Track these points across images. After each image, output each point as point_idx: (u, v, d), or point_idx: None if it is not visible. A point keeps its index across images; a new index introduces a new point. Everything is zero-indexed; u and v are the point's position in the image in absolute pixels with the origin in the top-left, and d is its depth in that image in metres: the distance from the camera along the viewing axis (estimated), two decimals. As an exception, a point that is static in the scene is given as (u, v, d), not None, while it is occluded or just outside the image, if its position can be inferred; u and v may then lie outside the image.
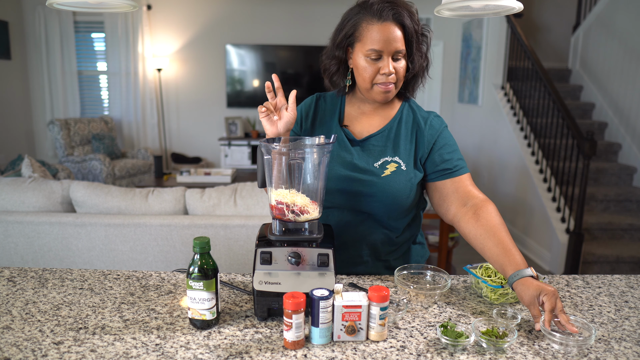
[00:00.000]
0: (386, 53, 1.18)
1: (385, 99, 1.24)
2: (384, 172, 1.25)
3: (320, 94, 1.37)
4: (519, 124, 4.79)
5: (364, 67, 1.21)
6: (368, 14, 1.19)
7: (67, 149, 5.50)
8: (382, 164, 1.25)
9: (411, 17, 1.19)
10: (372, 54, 1.18)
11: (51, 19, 6.07)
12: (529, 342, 0.97)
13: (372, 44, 1.18)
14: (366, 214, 1.28)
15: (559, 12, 6.14)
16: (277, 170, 1.05)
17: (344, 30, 1.23)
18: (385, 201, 1.24)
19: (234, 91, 6.56)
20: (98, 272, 1.31)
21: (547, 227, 4.03)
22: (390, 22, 1.17)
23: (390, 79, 1.20)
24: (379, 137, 1.28)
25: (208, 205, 2.40)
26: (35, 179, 2.52)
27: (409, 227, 1.34)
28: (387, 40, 1.17)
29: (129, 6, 1.08)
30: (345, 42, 1.24)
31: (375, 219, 1.29)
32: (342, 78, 1.31)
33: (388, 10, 1.17)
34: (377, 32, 1.17)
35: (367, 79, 1.22)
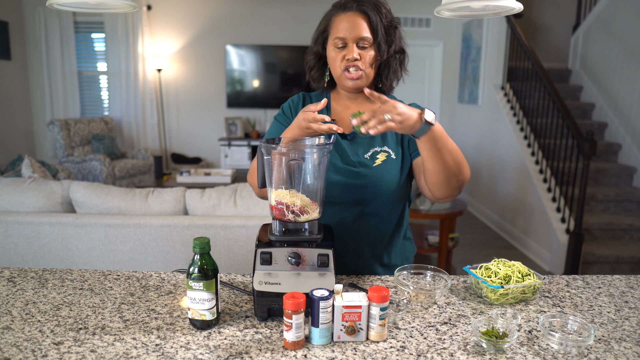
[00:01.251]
0: (350, 40, 1.24)
1: (355, 86, 1.28)
2: (374, 162, 1.28)
3: (305, 93, 1.43)
4: (519, 124, 4.79)
5: (332, 56, 1.27)
6: (337, 9, 1.28)
7: (67, 149, 5.50)
8: (372, 155, 1.29)
9: (377, 9, 1.25)
10: (338, 43, 1.25)
11: (51, 19, 6.08)
12: (529, 342, 0.97)
13: (337, 32, 1.25)
14: (360, 208, 1.30)
15: (559, 12, 6.14)
16: (277, 171, 1.05)
17: (320, 27, 1.32)
18: (378, 191, 1.27)
19: (234, 91, 6.56)
20: (98, 273, 1.31)
21: (547, 228, 4.03)
22: (353, 12, 1.25)
23: (357, 64, 1.25)
24: None
25: (208, 206, 2.40)
26: (35, 179, 2.52)
27: (399, 220, 1.37)
28: (349, 28, 1.24)
29: (129, 6, 1.08)
30: (321, 37, 1.32)
31: (369, 212, 1.30)
32: (319, 72, 1.37)
33: (352, 2, 1.26)
34: (341, 21, 1.25)
35: (336, 67, 1.27)
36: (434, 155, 1.13)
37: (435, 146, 1.11)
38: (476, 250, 4.45)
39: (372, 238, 1.33)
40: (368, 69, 1.26)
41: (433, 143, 1.11)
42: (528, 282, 1.16)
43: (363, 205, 1.29)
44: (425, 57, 6.63)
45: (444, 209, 3.62)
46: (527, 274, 1.19)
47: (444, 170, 1.15)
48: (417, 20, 6.42)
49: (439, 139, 1.11)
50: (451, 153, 1.14)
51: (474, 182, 5.86)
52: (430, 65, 6.67)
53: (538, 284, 1.16)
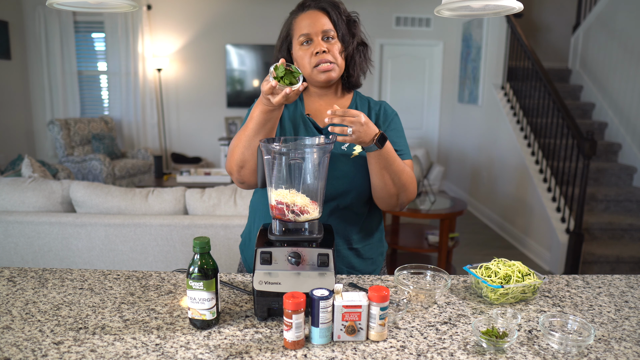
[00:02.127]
0: (314, 34, 1.27)
1: (328, 78, 1.29)
2: (352, 152, 1.30)
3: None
4: (519, 124, 4.79)
5: (300, 55, 1.29)
6: (295, 11, 1.32)
7: (67, 149, 5.50)
8: (349, 146, 1.31)
9: (334, 6, 1.29)
10: (303, 40, 1.28)
11: (51, 19, 6.07)
12: (529, 342, 0.97)
13: (301, 30, 1.28)
14: (336, 202, 1.30)
15: (559, 12, 6.14)
16: (277, 170, 1.05)
17: (282, 34, 1.35)
18: (355, 182, 1.29)
19: (234, 91, 6.56)
20: (98, 272, 1.31)
21: (547, 227, 4.03)
22: (312, 9, 1.29)
23: (327, 57, 1.26)
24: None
25: (208, 205, 2.40)
26: (35, 179, 2.52)
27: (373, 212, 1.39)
28: (312, 23, 1.27)
29: (129, 6, 1.08)
30: (285, 44, 1.34)
31: (345, 205, 1.31)
32: None
33: (310, 1, 1.30)
34: (302, 20, 1.28)
35: (306, 65, 1.28)
36: (377, 172, 1.21)
37: (379, 164, 1.19)
38: (476, 250, 4.45)
39: (348, 232, 1.34)
40: (338, 59, 1.29)
41: (377, 161, 1.19)
42: (528, 281, 1.16)
43: (339, 199, 1.30)
44: (425, 57, 6.63)
45: (444, 209, 3.62)
46: (527, 274, 1.19)
47: (384, 188, 1.23)
48: (417, 20, 6.42)
49: (384, 160, 1.18)
50: (394, 175, 1.22)
51: (474, 182, 5.86)
52: (430, 65, 6.67)
53: (538, 283, 1.16)
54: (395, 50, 6.54)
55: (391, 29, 6.45)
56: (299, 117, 1.35)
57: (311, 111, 1.37)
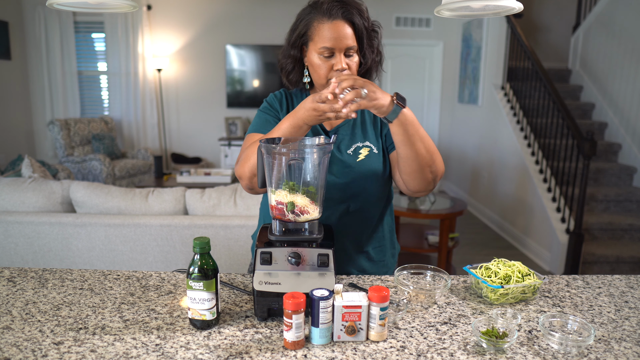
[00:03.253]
0: (338, 50, 1.22)
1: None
2: (358, 157, 1.29)
3: (283, 90, 1.41)
4: (519, 124, 4.79)
5: (318, 64, 1.25)
6: (319, 13, 1.23)
7: (67, 149, 5.50)
8: (355, 150, 1.30)
9: (360, 15, 1.24)
10: (324, 52, 1.23)
11: (51, 19, 6.08)
12: (529, 342, 0.97)
13: (324, 42, 1.22)
14: (345, 205, 1.30)
15: (559, 12, 6.14)
16: (277, 171, 1.05)
17: (298, 29, 1.27)
18: (363, 186, 1.28)
19: (234, 91, 6.56)
20: (98, 272, 1.31)
21: (547, 227, 4.03)
22: (339, 20, 1.22)
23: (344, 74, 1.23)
24: (346, 126, 1.34)
25: (208, 206, 2.40)
26: (35, 179, 2.52)
27: (384, 216, 1.38)
28: (338, 37, 1.21)
29: (129, 6, 1.08)
30: (299, 41, 1.28)
31: (354, 209, 1.31)
32: (297, 76, 1.35)
33: (337, 9, 1.21)
34: (327, 30, 1.21)
35: (322, 76, 1.26)
36: (406, 140, 1.14)
37: (407, 131, 1.13)
38: (476, 250, 4.45)
39: (357, 235, 1.34)
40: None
41: (405, 127, 1.12)
42: (528, 282, 1.16)
43: (349, 202, 1.30)
44: (425, 57, 6.63)
45: (444, 209, 3.62)
46: (527, 274, 1.19)
47: (416, 158, 1.17)
48: (417, 20, 6.42)
49: (410, 123, 1.13)
50: (423, 140, 1.16)
51: (474, 182, 5.86)
52: (430, 65, 6.67)
53: (538, 283, 1.16)
54: (395, 50, 6.54)
55: (391, 29, 6.45)
56: None
57: None
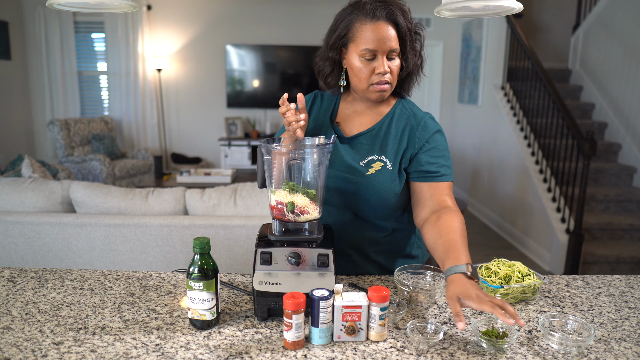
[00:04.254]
0: (380, 52, 1.18)
1: (380, 97, 1.24)
2: (368, 170, 1.24)
3: (318, 91, 1.38)
4: (519, 124, 4.79)
5: (359, 67, 1.20)
6: (361, 13, 1.18)
7: (67, 149, 5.50)
8: (367, 162, 1.25)
9: (404, 16, 1.20)
10: (366, 54, 1.18)
11: (51, 19, 6.08)
12: (529, 342, 0.97)
13: (367, 43, 1.17)
14: (352, 212, 1.29)
15: (559, 12, 6.14)
16: (277, 171, 1.05)
17: (337, 31, 1.22)
18: (369, 199, 1.24)
19: (234, 91, 6.56)
20: (98, 273, 1.31)
21: (547, 227, 4.03)
22: (383, 21, 1.17)
23: (386, 78, 1.20)
24: (367, 135, 1.28)
25: (208, 206, 2.40)
26: (35, 179, 2.52)
27: (401, 228, 1.34)
28: (381, 39, 1.16)
29: (129, 6, 1.08)
30: (339, 43, 1.23)
31: (362, 217, 1.29)
32: (336, 79, 1.30)
33: (381, 10, 1.16)
34: (370, 31, 1.16)
35: (362, 80, 1.21)
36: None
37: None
38: (476, 250, 4.45)
39: (366, 242, 1.32)
40: (394, 81, 1.23)
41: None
42: (528, 282, 1.16)
43: (355, 210, 1.28)
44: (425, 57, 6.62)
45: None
46: (527, 274, 1.19)
47: None
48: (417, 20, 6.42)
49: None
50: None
51: (474, 182, 5.86)
52: (430, 65, 6.66)
53: (538, 284, 1.16)
54: (395, 50, 6.54)
55: (391, 29, 6.44)
56: (326, 123, 1.31)
57: (341, 117, 1.32)
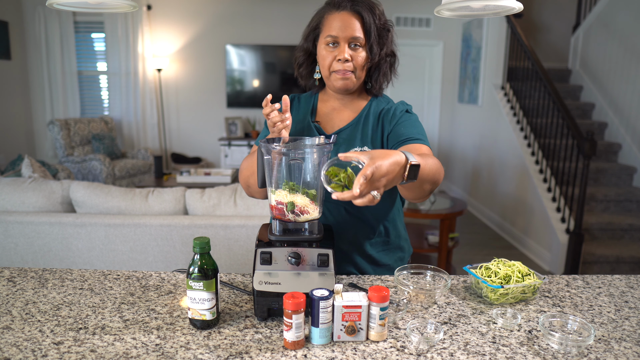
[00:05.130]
0: (342, 39, 1.23)
1: (344, 86, 1.27)
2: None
3: (295, 95, 1.42)
4: (519, 124, 4.79)
5: (323, 55, 1.26)
6: (330, 7, 1.27)
7: (67, 149, 5.50)
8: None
9: (371, 10, 1.24)
10: (329, 40, 1.24)
11: (51, 19, 6.08)
12: (529, 342, 0.97)
13: (330, 30, 1.24)
14: (342, 207, 1.30)
15: (559, 12, 6.14)
16: (277, 171, 1.05)
17: (311, 24, 1.31)
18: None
19: (234, 91, 6.56)
20: (98, 272, 1.31)
21: (547, 227, 4.03)
22: (347, 11, 1.23)
23: (347, 66, 1.24)
24: (348, 130, 1.32)
25: (208, 206, 2.40)
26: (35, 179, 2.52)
27: (387, 219, 1.36)
28: (343, 26, 1.22)
29: (129, 6, 1.08)
30: (312, 34, 1.30)
31: (352, 212, 1.30)
32: (308, 69, 1.36)
33: (346, 2, 1.24)
34: (334, 20, 1.24)
35: (325, 66, 1.27)
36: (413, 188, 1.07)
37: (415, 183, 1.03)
38: (476, 250, 4.45)
39: (357, 237, 1.33)
40: (358, 71, 1.26)
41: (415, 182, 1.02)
42: (528, 282, 1.16)
43: (345, 205, 1.29)
44: (425, 57, 6.63)
45: (444, 209, 3.62)
46: (527, 274, 1.19)
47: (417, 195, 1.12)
48: (417, 20, 6.42)
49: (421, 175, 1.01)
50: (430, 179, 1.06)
51: (474, 182, 5.86)
52: (430, 65, 6.67)
53: (538, 283, 1.16)
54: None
55: (391, 29, 6.44)
56: (306, 121, 1.34)
57: (321, 116, 1.35)
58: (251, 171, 1.29)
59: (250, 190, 1.34)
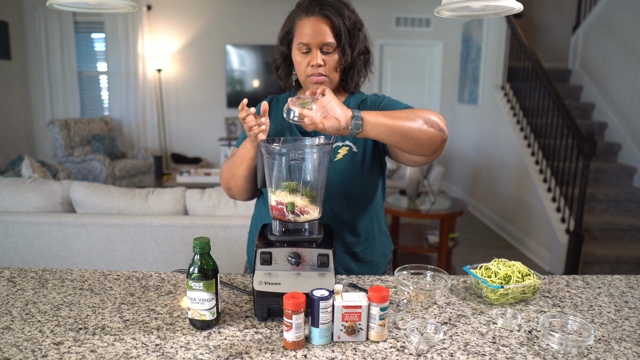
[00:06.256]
0: (314, 45, 1.24)
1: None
2: (336, 156, 1.29)
3: (273, 96, 1.44)
4: (519, 124, 4.79)
5: (297, 61, 1.28)
6: (300, 11, 1.27)
7: (67, 149, 5.50)
8: (333, 150, 1.29)
9: (340, 12, 1.24)
10: (302, 48, 1.25)
11: (51, 19, 6.08)
12: (529, 342, 0.97)
13: (301, 37, 1.25)
14: (326, 204, 1.30)
15: (559, 12, 6.14)
16: (277, 171, 1.05)
17: (285, 27, 1.32)
18: (342, 185, 1.28)
19: (234, 91, 6.56)
20: (98, 273, 1.31)
21: (547, 228, 4.03)
22: (316, 16, 1.24)
23: (320, 70, 1.25)
24: None
25: (208, 206, 2.40)
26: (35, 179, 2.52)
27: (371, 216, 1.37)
28: (314, 33, 1.23)
29: (129, 6, 1.08)
30: (286, 38, 1.32)
31: (335, 207, 1.30)
32: (285, 72, 1.37)
33: (315, 7, 1.24)
34: (305, 26, 1.24)
35: (301, 72, 1.28)
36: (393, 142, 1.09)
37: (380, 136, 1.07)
38: (476, 250, 4.45)
39: (342, 235, 1.33)
40: (332, 74, 1.27)
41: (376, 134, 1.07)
42: (528, 282, 1.16)
43: (328, 202, 1.30)
44: (425, 57, 6.63)
45: (444, 209, 3.62)
46: (527, 274, 1.19)
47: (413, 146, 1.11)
48: (417, 20, 6.43)
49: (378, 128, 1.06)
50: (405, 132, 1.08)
51: (474, 182, 5.86)
52: (430, 65, 6.67)
53: (538, 284, 1.16)
54: (395, 50, 6.54)
55: (391, 29, 6.45)
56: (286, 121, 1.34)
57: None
58: (231, 174, 1.30)
59: (232, 192, 1.35)
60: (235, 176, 1.28)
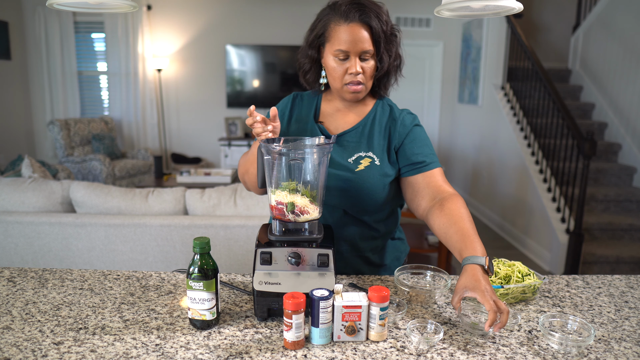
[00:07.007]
0: (353, 53, 1.20)
1: (354, 98, 1.27)
2: (357, 167, 1.27)
3: (297, 93, 1.40)
4: (519, 124, 4.79)
5: (333, 67, 1.24)
6: (336, 15, 1.21)
7: (67, 149, 5.50)
8: (356, 159, 1.27)
9: (379, 18, 1.21)
10: (339, 55, 1.21)
11: (51, 19, 6.08)
12: (529, 342, 0.97)
13: (340, 44, 1.20)
14: (342, 209, 1.30)
15: (559, 12, 6.14)
16: (277, 171, 1.05)
17: (315, 30, 1.26)
18: (359, 196, 1.26)
19: (234, 91, 6.56)
20: (98, 273, 1.31)
21: (547, 227, 4.03)
22: (356, 22, 1.19)
23: (358, 78, 1.23)
24: (352, 133, 1.31)
25: (208, 206, 2.40)
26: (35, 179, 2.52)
27: (385, 222, 1.36)
28: (354, 41, 1.19)
29: (129, 6, 1.08)
30: (317, 42, 1.27)
31: (351, 214, 1.30)
32: (315, 76, 1.34)
33: (354, 12, 1.19)
34: (343, 33, 1.19)
35: (336, 79, 1.25)
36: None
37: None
38: (476, 250, 4.44)
39: (356, 240, 1.33)
40: (369, 82, 1.25)
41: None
42: (528, 282, 1.16)
43: (345, 208, 1.29)
44: (425, 57, 6.63)
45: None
46: (527, 274, 1.19)
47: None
48: (417, 20, 6.42)
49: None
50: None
51: (474, 182, 5.86)
52: (430, 65, 6.67)
53: (538, 284, 1.16)
54: (395, 50, 6.53)
55: (391, 29, 6.44)
56: (310, 121, 1.33)
57: (325, 117, 1.34)
58: (245, 169, 1.30)
59: (247, 186, 1.36)
60: (248, 172, 1.30)
